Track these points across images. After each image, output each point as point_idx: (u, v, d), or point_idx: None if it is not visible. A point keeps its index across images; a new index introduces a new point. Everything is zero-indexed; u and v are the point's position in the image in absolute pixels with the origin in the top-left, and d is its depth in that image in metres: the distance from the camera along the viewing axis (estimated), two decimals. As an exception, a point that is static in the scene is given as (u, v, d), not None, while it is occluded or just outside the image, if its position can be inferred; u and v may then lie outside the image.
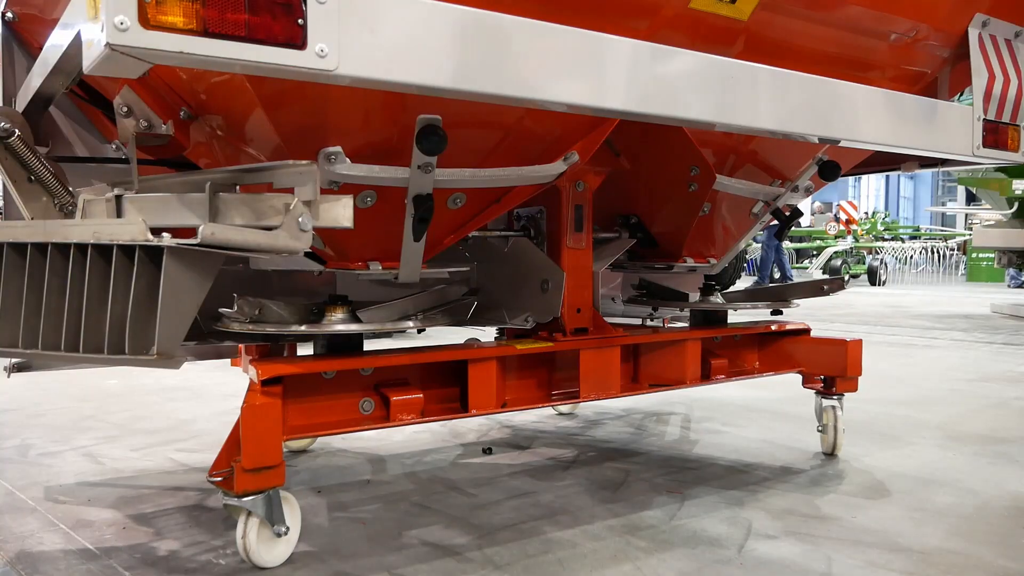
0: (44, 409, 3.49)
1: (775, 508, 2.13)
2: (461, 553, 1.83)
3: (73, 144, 2.09)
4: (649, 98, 1.50)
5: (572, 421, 3.24)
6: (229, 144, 1.64)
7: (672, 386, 2.38)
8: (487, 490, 2.31)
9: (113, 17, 1.00)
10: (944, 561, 1.79)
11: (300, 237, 1.43)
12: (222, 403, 3.57)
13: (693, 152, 2.19)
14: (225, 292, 1.83)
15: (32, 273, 1.46)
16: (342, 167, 1.56)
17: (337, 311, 1.86)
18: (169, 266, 1.35)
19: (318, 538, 1.93)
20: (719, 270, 2.65)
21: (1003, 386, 3.64)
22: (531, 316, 2.14)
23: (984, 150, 2.08)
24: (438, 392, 1.99)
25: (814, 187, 2.54)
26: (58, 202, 1.69)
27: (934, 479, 2.40)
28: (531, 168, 1.87)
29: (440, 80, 1.26)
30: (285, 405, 1.72)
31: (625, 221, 2.49)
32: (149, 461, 2.65)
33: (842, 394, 2.61)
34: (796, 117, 1.72)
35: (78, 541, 1.92)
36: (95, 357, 1.42)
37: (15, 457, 2.70)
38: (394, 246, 1.79)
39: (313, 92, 1.44)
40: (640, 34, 1.57)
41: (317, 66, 1.15)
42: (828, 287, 2.69)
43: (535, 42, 1.35)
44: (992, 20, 2.13)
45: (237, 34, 1.09)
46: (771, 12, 1.82)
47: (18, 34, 1.90)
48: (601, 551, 1.84)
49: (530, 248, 2.17)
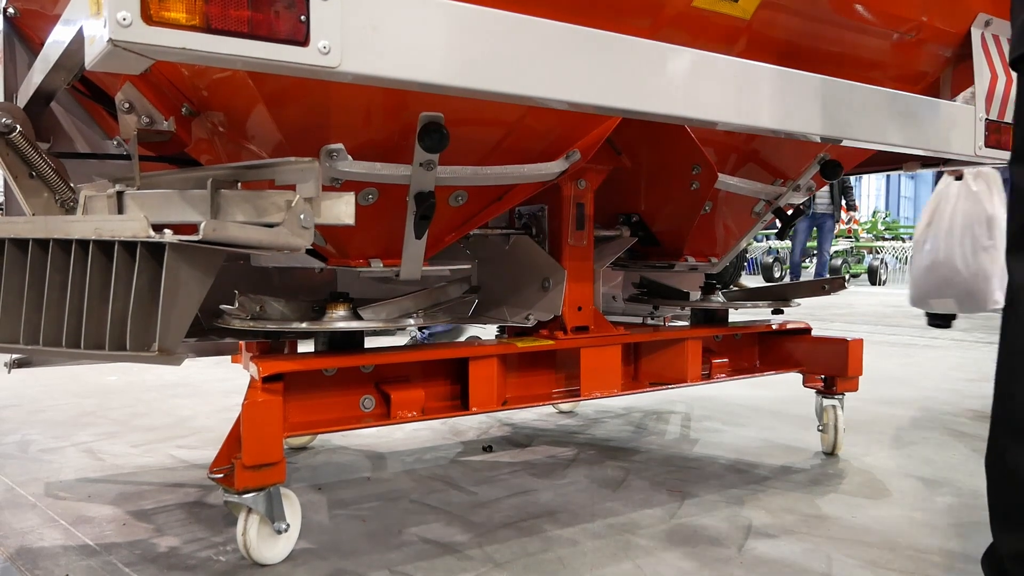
0: (44, 405, 3.49)
1: (775, 507, 2.13)
2: (461, 551, 1.83)
3: (74, 140, 2.08)
4: (651, 96, 1.50)
5: (572, 419, 3.25)
6: (231, 141, 1.64)
7: (673, 385, 2.38)
8: (487, 488, 2.31)
9: (115, 13, 1.00)
10: (944, 561, 1.79)
11: (302, 234, 1.43)
12: (222, 400, 3.57)
13: (695, 151, 2.19)
14: (226, 289, 1.84)
15: (33, 269, 1.46)
16: (344, 164, 1.56)
17: (338, 308, 1.86)
18: (171, 262, 1.35)
19: (318, 535, 1.93)
20: (720, 269, 2.65)
21: (1003, 386, 3.64)
22: (532, 314, 2.14)
23: (986, 150, 2.08)
24: (439, 390, 1.99)
25: (816, 186, 2.54)
26: (59, 198, 1.69)
27: (935, 479, 2.40)
28: (533, 166, 1.87)
29: (442, 77, 1.26)
30: (286, 402, 1.72)
31: (626, 219, 2.49)
32: (149, 457, 2.65)
33: (843, 393, 2.61)
34: (798, 116, 1.72)
35: (78, 537, 1.92)
36: (96, 353, 1.42)
37: (15, 453, 2.70)
38: (395, 243, 1.79)
39: (315, 89, 1.44)
40: (643, 32, 1.56)
41: (320, 63, 1.15)
42: (829, 286, 2.69)
43: (538, 40, 1.35)
44: (995, 20, 2.13)
45: (239, 30, 1.09)
46: (774, 11, 1.82)
47: (20, 30, 1.90)
48: (601, 549, 1.84)
49: (531, 246, 2.17)
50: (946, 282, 3.20)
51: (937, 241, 3.23)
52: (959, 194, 3.19)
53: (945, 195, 3.25)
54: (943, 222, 3.22)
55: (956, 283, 3.17)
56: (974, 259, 3.11)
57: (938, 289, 3.22)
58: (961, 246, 3.14)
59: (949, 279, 3.19)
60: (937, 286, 3.22)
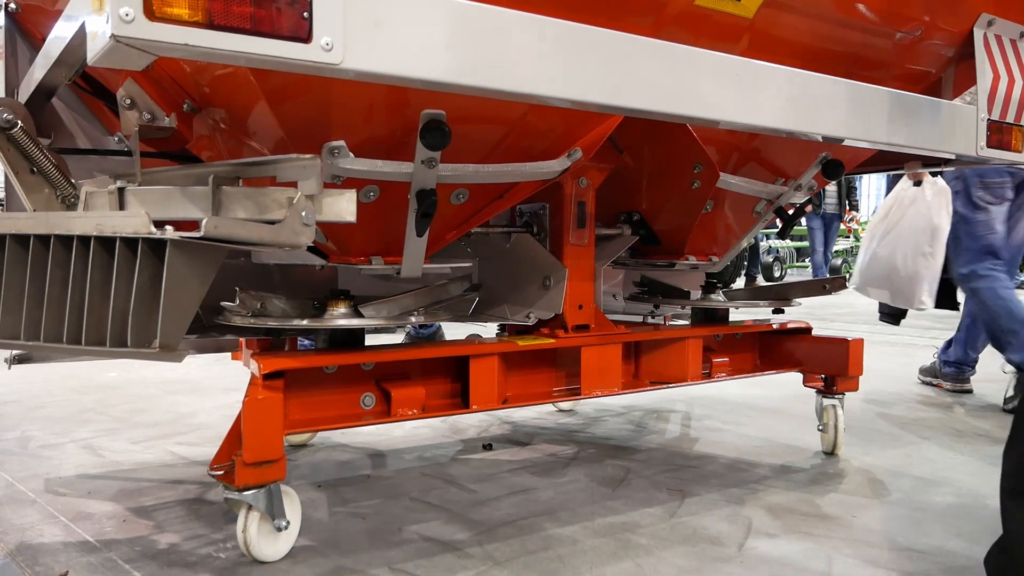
0: (44, 401, 3.49)
1: (775, 506, 2.13)
2: (461, 549, 1.83)
3: (76, 136, 2.08)
4: (652, 95, 1.49)
5: (572, 418, 3.25)
6: (232, 137, 1.63)
7: (673, 384, 2.38)
8: (487, 486, 2.31)
9: (118, 9, 1.00)
10: (944, 561, 1.79)
11: (303, 231, 1.43)
12: (223, 397, 3.57)
13: (697, 149, 2.19)
14: (227, 286, 1.83)
15: (34, 265, 1.46)
16: (345, 161, 1.56)
17: (339, 306, 1.86)
18: (172, 259, 1.35)
19: (318, 532, 1.93)
20: (721, 268, 2.65)
21: (1003, 386, 3.64)
22: (533, 312, 2.14)
23: (988, 150, 2.08)
24: (439, 387, 1.99)
25: (817, 186, 2.54)
26: (60, 194, 1.69)
27: (935, 479, 2.40)
28: (534, 164, 1.87)
29: (445, 75, 1.26)
30: (286, 399, 1.72)
31: (628, 218, 2.49)
32: (149, 454, 2.65)
33: (843, 393, 2.61)
34: (799, 115, 1.72)
35: (78, 533, 1.92)
36: (97, 349, 1.42)
37: (15, 449, 2.70)
38: (397, 241, 1.79)
39: (317, 86, 1.43)
40: (645, 31, 1.56)
41: (322, 60, 1.14)
42: (830, 286, 2.69)
43: (541, 38, 1.35)
44: (998, 20, 2.13)
45: (242, 27, 1.09)
46: (776, 10, 1.82)
47: (21, 25, 1.90)
48: (601, 548, 1.84)
49: (532, 244, 2.17)
50: (885, 276, 3.46)
51: (886, 237, 3.48)
52: (914, 199, 3.43)
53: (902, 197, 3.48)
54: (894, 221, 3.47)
55: (893, 279, 3.43)
56: (912, 262, 3.36)
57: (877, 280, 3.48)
58: (904, 247, 3.39)
59: (888, 274, 3.44)
60: (877, 277, 3.48)
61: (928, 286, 3.34)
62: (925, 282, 3.35)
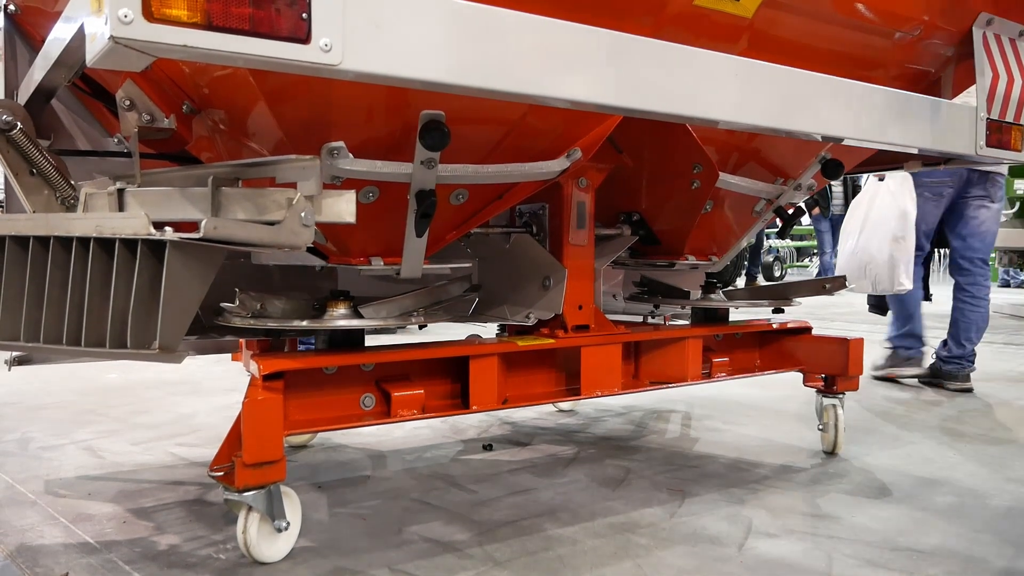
0: (44, 402, 3.49)
1: (776, 506, 2.13)
2: (461, 549, 1.83)
3: (75, 137, 2.08)
4: (652, 95, 1.49)
5: (573, 418, 3.24)
6: (232, 138, 1.63)
7: (673, 383, 2.38)
8: (487, 486, 2.31)
9: (117, 10, 1.00)
10: (944, 561, 1.79)
11: (302, 232, 1.43)
12: (223, 398, 3.57)
13: (696, 149, 2.19)
14: (226, 286, 1.83)
15: (34, 266, 1.46)
16: (345, 162, 1.56)
17: (339, 306, 1.86)
18: (172, 260, 1.35)
19: (319, 533, 1.93)
20: (721, 268, 2.65)
21: (1003, 386, 3.64)
22: (532, 313, 2.14)
23: (987, 149, 2.08)
24: (439, 388, 1.99)
25: (816, 185, 2.54)
26: (60, 195, 1.69)
27: (935, 479, 2.40)
28: (534, 164, 1.87)
29: (444, 76, 1.26)
30: (286, 400, 1.72)
31: (627, 218, 2.49)
32: (149, 455, 2.65)
33: (843, 393, 2.61)
34: (799, 115, 1.72)
35: (78, 535, 1.92)
36: (97, 351, 1.42)
37: (15, 450, 2.70)
38: (396, 242, 1.79)
39: (317, 87, 1.43)
40: (645, 31, 1.56)
41: (321, 61, 1.14)
42: (830, 286, 2.69)
43: (540, 38, 1.35)
44: (996, 19, 2.13)
45: (241, 28, 1.09)
46: (775, 9, 1.82)
47: (20, 27, 1.90)
48: (601, 548, 1.84)
49: (532, 245, 2.17)
50: (864, 267, 3.63)
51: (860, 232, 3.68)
52: (880, 192, 3.65)
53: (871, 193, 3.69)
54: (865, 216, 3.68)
55: (871, 268, 3.62)
56: (887, 248, 3.56)
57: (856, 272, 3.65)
58: (878, 236, 3.60)
59: (866, 264, 3.63)
60: (857, 269, 3.64)
61: (904, 268, 3.54)
62: (901, 264, 3.55)
